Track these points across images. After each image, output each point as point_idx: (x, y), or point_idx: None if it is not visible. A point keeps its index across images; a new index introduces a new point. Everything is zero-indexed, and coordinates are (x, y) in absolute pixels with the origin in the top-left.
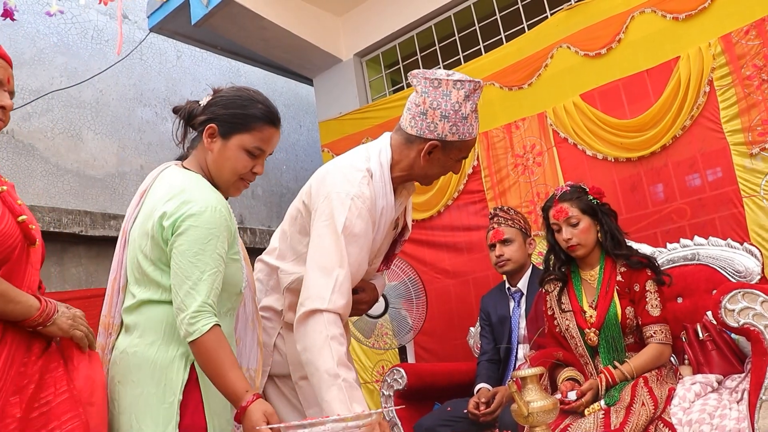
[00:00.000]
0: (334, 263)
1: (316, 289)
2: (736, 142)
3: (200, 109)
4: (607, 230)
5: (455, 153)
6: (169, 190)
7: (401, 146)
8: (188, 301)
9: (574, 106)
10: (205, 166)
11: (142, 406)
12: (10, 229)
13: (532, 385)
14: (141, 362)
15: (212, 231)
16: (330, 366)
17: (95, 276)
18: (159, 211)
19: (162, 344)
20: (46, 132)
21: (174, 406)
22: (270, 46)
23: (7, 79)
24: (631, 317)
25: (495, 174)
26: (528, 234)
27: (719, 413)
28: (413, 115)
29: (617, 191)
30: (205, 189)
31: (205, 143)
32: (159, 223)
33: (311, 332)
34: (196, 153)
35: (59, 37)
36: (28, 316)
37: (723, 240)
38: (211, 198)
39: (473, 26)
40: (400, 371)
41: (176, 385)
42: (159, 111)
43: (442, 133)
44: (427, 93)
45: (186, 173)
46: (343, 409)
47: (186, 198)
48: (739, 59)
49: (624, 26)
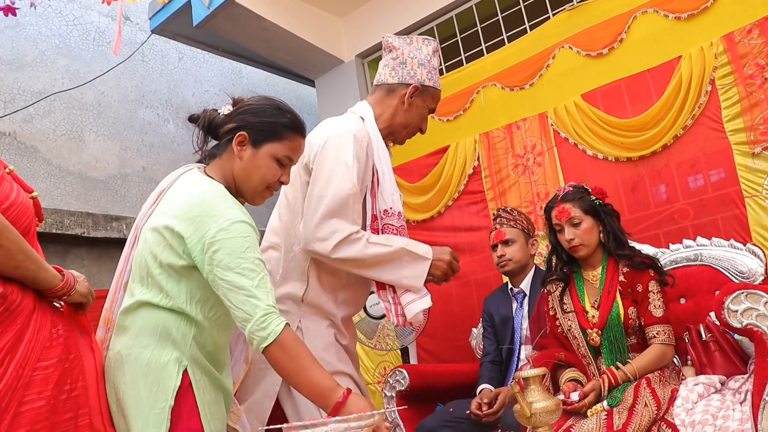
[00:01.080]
0: (349, 194)
1: (336, 220)
2: (738, 142)
3: (222, 118)
4: (609, 230)
5: (429, 101)
6: (190, 201)
7: (381, 100)
8: (250, 308)
9: (575, 105)
10: (229, 174)
11: (133, 409)
12: (27, 202)
13: (534, 385)
14: (134, 365)
15: (247, 239)
16: (386, 250)
17: (97, 277)
18: (180, 224)
19: (156, 348)
20: (48, 134)
21: (165, 411)
22: (272, 48)
23: None
24: (634, 318)
25: (495, 174)
26: (530, 234)
27: (722, 414)
28: (393, 67)
29: (619, 191)
30: (228, 201)
31: (235, 151)
32: (179, 235)
33: (352, 250)
34: (220, 161)
35: (61, 39)
36: (54, 285)
37: (726, 241)
38: (237, 209)
39: (475, 27)
40: (402, 372)
41: (168, 390)
42: (161, 113)
43: (421, 77)
44: (403, 47)
45: (208, 181)
46: (421, 263)
47: (209, 211)
48: (741, 58)
49: (626, 26)
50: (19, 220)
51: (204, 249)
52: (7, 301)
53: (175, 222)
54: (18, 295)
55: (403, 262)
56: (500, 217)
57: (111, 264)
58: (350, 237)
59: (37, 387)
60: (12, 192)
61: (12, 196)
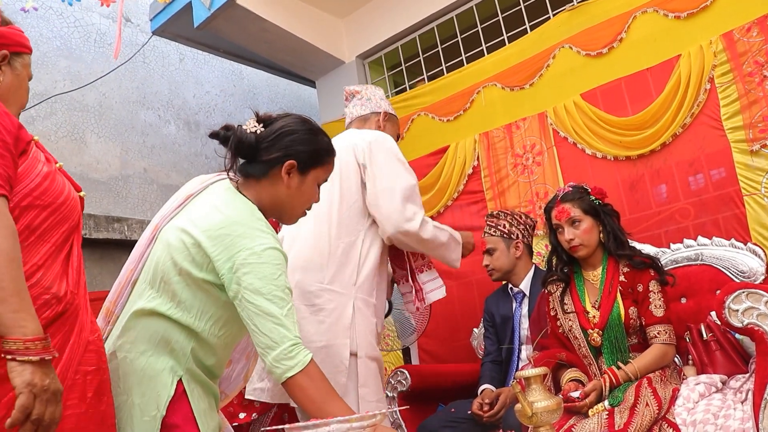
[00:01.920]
0: (413, 184)
1: (411, 206)
2: (737, 140)
3: (254, 138)
4: (609, 230)
5: (396, 128)
6: (222, 219)
7: (359, 128)
8: (278, 336)
9: (575, 105)
10: (267, 197)
11: (125, 414)
12: (77, 198)
13: (535, 385)
14: (129, 370)
15: (279, 266)
16: (446, 235)
17: (99, 279)
18: (208, 241)
19: (152, 355)
20: (49, 135)
21: (156, 420)
22: (272, 49)
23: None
24: (635, 317)
25: (494, 174)
26: (513, 237)
27: (723, 413)
28: (362, 104)
29: (619, 191)
30: (262, 226)
31: (283, 179)
32: (206, 253)
33: (428, 229)
34: (259, 185)
35: (62, 40)
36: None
37: (727, 240)
38: (270, 235)
39: (475, 27)
40: (404, 373)
41: (161, 399)
42: (162, 114)
43: (385, 107)
44: (363, 90)
45: (243, 201)
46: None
47: (243, 233)
48: (740, 56)
49: (626, 26)
50: (71, 216)
51: (233, 269)
52: (63, 303)
53: (203, 237)
54: (70, 296)
55: (450, 246)
56: (486, 224)
57: (113, 265)
58: (425, 219)
59: (77, 391)
60: (65, 188)
61: (65, 191)
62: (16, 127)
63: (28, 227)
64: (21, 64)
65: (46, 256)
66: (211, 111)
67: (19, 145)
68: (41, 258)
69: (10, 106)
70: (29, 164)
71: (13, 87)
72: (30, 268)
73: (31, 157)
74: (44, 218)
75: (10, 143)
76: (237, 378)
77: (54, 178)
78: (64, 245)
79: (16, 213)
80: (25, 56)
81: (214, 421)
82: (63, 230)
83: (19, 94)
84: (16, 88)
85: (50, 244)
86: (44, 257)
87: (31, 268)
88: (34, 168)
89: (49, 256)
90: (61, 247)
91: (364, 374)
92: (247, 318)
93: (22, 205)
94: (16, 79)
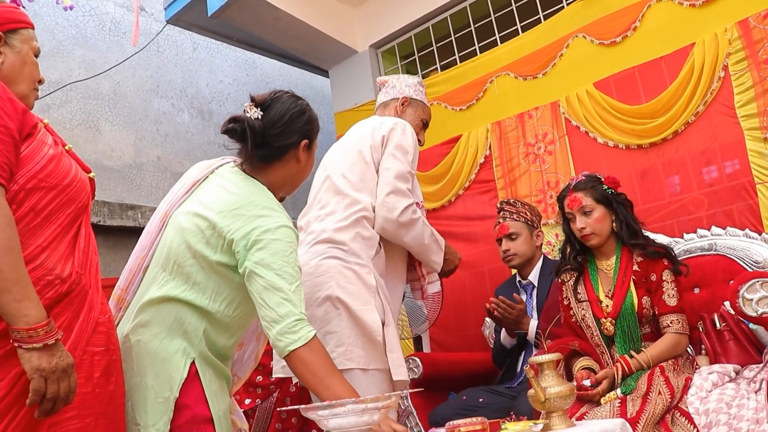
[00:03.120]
0: (407, 174)
1: (403, 189)
2: (751, 127)
3: (262, 125)
4: (622, 220)
5: (420, 112)
6: (237, 199)
7: (381, 114)
8: (284, 311)
9: (587, 94)
10: (280, 179)
11: (138, 395)
12: (85, 179)
13: (548, 371)
14: (142, 352)
15: (291, 244)
16: (429, 233)
17: (113, 266)
18: (223, 220)
19: (166, 337)
20: (64, 123)
21: (169, 401)
22: (285, 38)
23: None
24: (648, 307)
25: (506, 163)
26: (535, 226)
27: (737, 403)
28: (386, 91)
29: (631, 180)
30: (275, 205)
31: (301, 158)
32: (221, 232)
33: (413, 218)
34: (274, 168)
35: (78, 29)
36: (27, 325)
37: (741, 230)
38: (283, 214)
39: (489, 17)
40: (416, 360)
41: (174, 381)
42: (175, 102)
43: (408, 93)
44: (392, 80)
45: (255, 183)
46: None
47: (258, 213)
48: (755, 44)
49: (640, 15)
50: (78, 197)
51: (248, 245)
52: (67, 283)
53: (218, 218)
54: (76, 276)
55: (432, 248)
56: (503, 210)
57: (126, 252)
58: (411, 212)
59: (84, 371)
60: (71, 169)
61: (71, 173)
62: (19, 112)
63: (33, 209)
64: (20, 40)
65: (51, 237)
66: (224, 100)
67: (24, 129)
68: (46, 239)
69: (19, 84)
70: (35, 147)
71: (17, 65)
72: (34, 250)
73: (38, 140)
74: (50, 200)
75: (13, 128)
76: (248, 359)
77: (60, 160)
78: (71, 226)
79: (21, 195)
80: (22, 31)
81: (225, 403)
82: (69, 212)
83: (26, 71)
84: (21, 65)
85: (56, 225)
86: (49, 239)
87: (35, 249)
88: (40, 150)
89: (55, 237)
90: (67, 229)
91: (391, 341)
92: (255, 292)
93: (28, 188)
94: (18, 57)
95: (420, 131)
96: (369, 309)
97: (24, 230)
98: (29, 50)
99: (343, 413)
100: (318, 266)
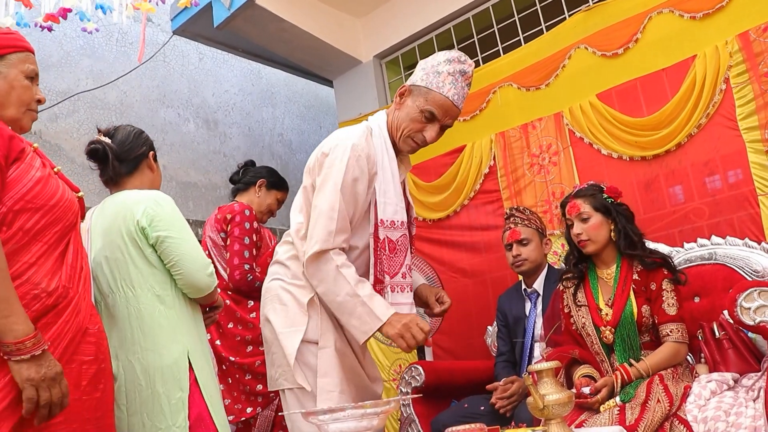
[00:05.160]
0: (334, 208)
1: (319, 232)
2: (752, 140)
3: (115, 145)
4: (620, 229)
5: (421, 101)
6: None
7: (390, 110)
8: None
9: (591, 105)
10: (138, 187)
11: (151, 405)
12: (72, 199)
13: (547, 378)
14: (146, 366)
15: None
16: (348, 289)
17: None
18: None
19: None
20: (72, 132)
21: (183, 400)
22: (291, 48)
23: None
24: (647, 316)
25: (511, 174)
26: (544, 234)
27: (735, 411)
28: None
29: (634, 191)
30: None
31: (153, 166)
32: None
33: (323, 268)
34: (132, 178)
35: (85, 40)
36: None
37: (740, 240)
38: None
39: (492, 28)
40: (418, 368)
41: (183, 383)
42: (181, 112)
43: (414, 80)
44: (423, 62)
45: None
46: (373, 320)
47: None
48: (756, 56)
49: (641, 26)
50: (65, 216)
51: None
52: (54, 296)
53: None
54: (62, 290)
55: (356, 310)
56: (514, 216)
57: None
58: (322, 253)
59: (72, 379)
60: (58, 190)
61: (58, 193)
62: (5, 139)
63: (21, 229)
64: (6, 65)
65: (38, 254)
66: (229, 110)
67: (11, 155)
68: (33, 256)
69: (7, 109)
70: (22, 171)
71: (4, 92)
72: (22, 266)
73: (25, 164)
74: (36, 220)
75: None
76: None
77: (47, 182)
78: (58, 243)
79: (9, 217)
80: (10, 56)
81: (219, 398)
82: (56, 230)
83: (14, 96)
84: (7, 90)
85: (42, 243)
86: (36, 255)
87: (22, 266)
88: (27, 173)
89: (42, 254)
90: (55, 246)
91: (325, 364)
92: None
93: (15, 209)
94: (5, 83)
95: (423, 124)
96: (291, 332)
97: (12, 249)
98: (18, 74)
99: (344, 418)
100: (266, 289)
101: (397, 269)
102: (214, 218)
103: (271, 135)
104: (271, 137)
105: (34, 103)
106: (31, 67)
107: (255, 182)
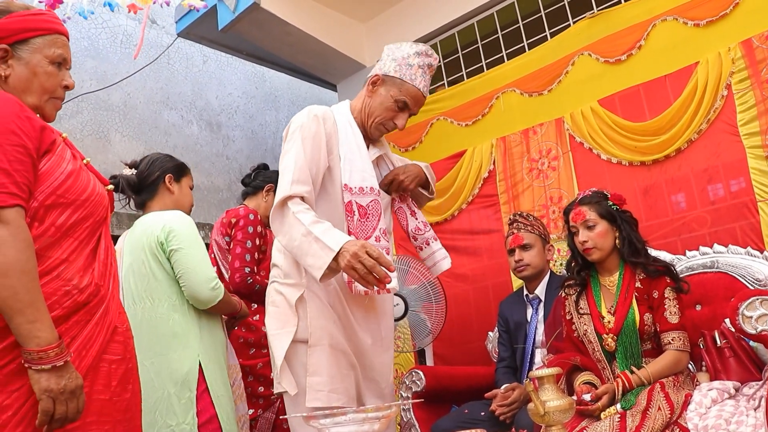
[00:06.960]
0: (291, 163)
1: (280, 186)
2: (753, 145)
3: (134, 177)
4: (625, 237)
5: (395, 91)
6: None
7: (358, 96)
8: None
9: (591, 111)
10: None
11: (163, 404)
12: (103, 192)
13: (548, 384)
14: (159, 369)
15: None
16: (303, 230)
17: None
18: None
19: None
20: (75, 133)
21: (192, 399)
22: (295, 52)
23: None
24: (649, 324)
25: (510, 178)
26: (547, 240)
27: (736, 419)
28: (374, 68)
29: (634, 197)
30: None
31: (172, 189)
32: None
33: (283, 220)
34: (152, 203)
35: (90, 41)
36: (38, 346)
37: (743, 248)
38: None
39: (496, 34)
40: (419, 373)
41: (192, 383)
42: (185, 114)
43: (386, 69)
44: (389, 50)
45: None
46: (326, 253)
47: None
48: (758, 63)
49: (645, 33)
50: (96, 211)
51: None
52: (86, 293)
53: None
54: (94, 287)
55: (311, 248)
56: (517, 221)
57: None
58: (282, 204)
59: (102, 379)
60: (89, 184)
61: (89, 188)
62: (37, 130)
63: (53, 224)
64: (30, 50)
65: (70, 250)
66: (233, 112)
67: (42, 146)
68: (65, 252)
69: (28, 96)
70: (54, 163)
71: (23, 78)
72: (53, 262)
73: (57, 156)
74: (68, 215)
75: (31, 148)
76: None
77: (78, 175)
78: (90, 239)
79: (41, 212)
80: (33, 40)
81: (228, 393)
82: (87, 225)
83: (36, 83)
84: (29, 77)
85: (74, 239)
86: (68, 252)
87: (54, 261)
88: (59, 167)
89: (74, 250)
90: (86, 242)
91: (315, 363)
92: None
93: (47, 204)
94: (26, 69)
95: (396, 113)
96: (280, 333)
97: (44, 245)
98: (42, 59)
99: (345, 422)
100: (266, 293)
101: (369, 233)
102: (221, 222)
103: (274, 138)
104: (274, 140)
105: (60, 89)
106: (58, 51)
107: (263, 186)
